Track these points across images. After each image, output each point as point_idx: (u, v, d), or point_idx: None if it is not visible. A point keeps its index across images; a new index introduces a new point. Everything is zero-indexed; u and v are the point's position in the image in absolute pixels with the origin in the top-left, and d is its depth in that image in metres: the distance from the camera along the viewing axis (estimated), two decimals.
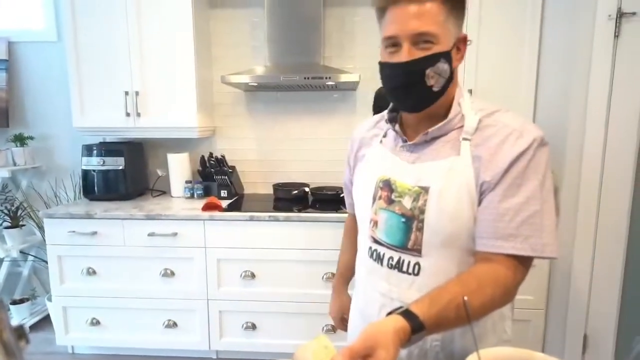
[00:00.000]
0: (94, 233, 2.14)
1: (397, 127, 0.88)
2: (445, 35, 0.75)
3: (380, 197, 0.86)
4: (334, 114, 2.57)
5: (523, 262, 0.76)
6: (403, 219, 0.82)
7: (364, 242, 0.95)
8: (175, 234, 2.11)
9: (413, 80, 0.77)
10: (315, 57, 2.30)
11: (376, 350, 0.61)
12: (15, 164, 2.55)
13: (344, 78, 2.10)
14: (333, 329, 2.02)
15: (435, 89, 0.78)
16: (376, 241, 0.89)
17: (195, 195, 2.47)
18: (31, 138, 2.60)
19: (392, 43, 0.77)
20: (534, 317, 2.07)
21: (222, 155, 2.52)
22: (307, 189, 2.43)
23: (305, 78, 2.12)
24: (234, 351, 2.23)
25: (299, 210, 2.15)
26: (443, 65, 0.76)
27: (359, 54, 2.47)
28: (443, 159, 0.80)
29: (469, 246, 0.80)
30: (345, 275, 1.20)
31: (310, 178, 2.59)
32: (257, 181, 2.66)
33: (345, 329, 1.16)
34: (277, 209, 2.22)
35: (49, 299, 2.35)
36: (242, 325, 2.17)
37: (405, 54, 0.75)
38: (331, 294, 1.22)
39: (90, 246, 2.15)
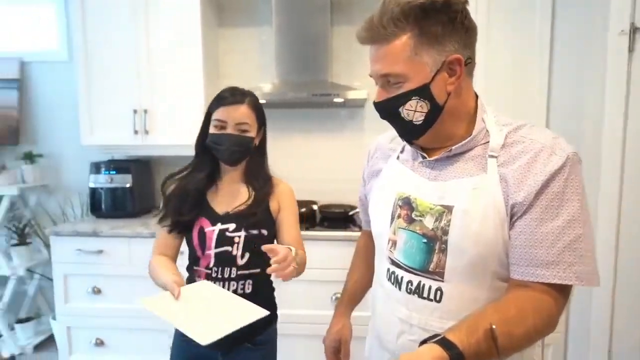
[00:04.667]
0: (100, 251, 2.11)
1: (414, 143, 0.84)
2: (416, 71, 0.72)
3: (399, 216, 0.81)
4: (342, 131, 2.55)
5: (563, 290, 0.70)
6: (424, 240, 0.77)
7: (381, 263, 0.89)
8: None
9: (391, 117, 0.78)
10: (323, 74, 2.30)
11: None
12: (24, 182, 2.56)
13: (351, 95, 2.09)
14: None
15: (416, 122, 0.75)
16: (394, 263, 0.83)
17: None
18: (40, 156, 2.62)
19: (374, 80, 0.79)
20: (552, 341, 1.99)
21: None
22: (315, 207, 2.40)
23: (313, 95, 2.11)
24: None
25: (307, 229, 2.11)
26: (417, 102, 0.74)
27: (367, 71, 2.46)
28: (468, 177, 0.75)
29: (497, 271, 0.74)
30: (352, 297, 1.11)
31: (318, 196, 2.55)
32: None
33: None
34: None
35: (54, 318, 2.32)
36: None
37: (377, 95, 0.78)
38: (332, 318, 1.11)
39: (96, 264, 2.13)
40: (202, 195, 1.21)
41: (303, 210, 2.36)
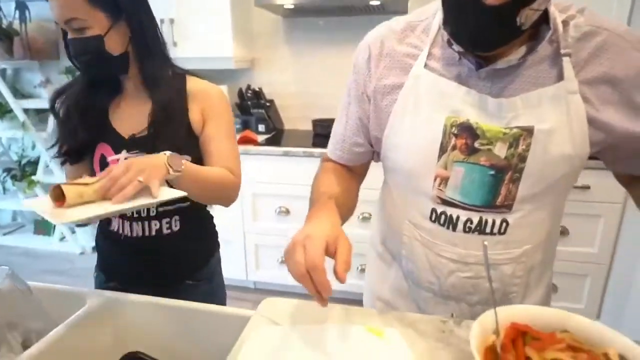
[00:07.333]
0: None
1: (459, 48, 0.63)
2: None
3: (454, 147, 0.66)
4: None
5: None
6: (491, 172, 0.65)
7: (415, 204, 0.72)
8: None
9: (501, 24, 0.57)
10: None
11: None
12: None
13: None
14: None
15: (524, 27, 0.57)
16: (446, 202, 0.69)
17: None
18: None
19: None
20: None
21: (259, 88, 2.42)
22: None
23: None
24: (270, 283, 2.29)
25: None
26: None
27: None
28: (542, 87, 0.62)
29: (566, 190, 0.71)
30: (340, 206, 0.72)
31: None
32: (296, 116, 2.55)
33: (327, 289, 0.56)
34: (315, 145, 2.12)
35: None
36: (278, 259, 2.20)
37: None
38: (309, 218, 0.68)
39: None
40: (104, 112, 0.91)
41: None
